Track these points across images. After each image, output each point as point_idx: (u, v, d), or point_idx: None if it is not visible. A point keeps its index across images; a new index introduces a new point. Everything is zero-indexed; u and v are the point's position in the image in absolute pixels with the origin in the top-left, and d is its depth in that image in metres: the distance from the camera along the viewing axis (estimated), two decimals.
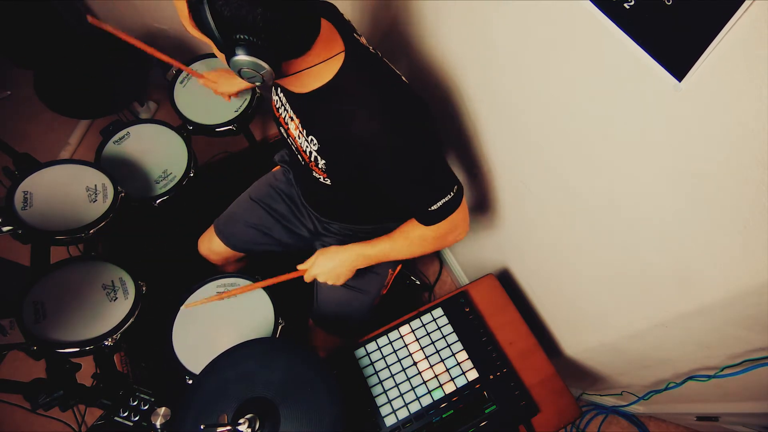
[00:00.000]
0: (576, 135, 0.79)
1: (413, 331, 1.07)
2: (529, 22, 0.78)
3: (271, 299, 1.07)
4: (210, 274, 1.11)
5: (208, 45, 0.66)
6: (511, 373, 1.01)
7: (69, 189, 1.10)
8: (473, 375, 1.01)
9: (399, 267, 1.22)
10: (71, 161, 1.14)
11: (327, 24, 0.71)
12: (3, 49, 1.87)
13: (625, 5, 0.58)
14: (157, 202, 1.21)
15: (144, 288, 1.06)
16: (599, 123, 0.73)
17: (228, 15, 0.57)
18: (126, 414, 0.92)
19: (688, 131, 0.59)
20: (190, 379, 0.97)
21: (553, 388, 1.02)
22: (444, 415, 0.96)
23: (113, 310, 1.01)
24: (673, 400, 1.12)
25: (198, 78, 1.27)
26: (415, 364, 1.03)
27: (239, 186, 1.30)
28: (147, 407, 0.93)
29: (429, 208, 0.80)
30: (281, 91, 0.86)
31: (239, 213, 1.21)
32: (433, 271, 1.82)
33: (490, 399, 0.98)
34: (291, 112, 0.84)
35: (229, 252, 1.23)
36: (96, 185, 1.12)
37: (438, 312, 1.09)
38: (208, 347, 1.00)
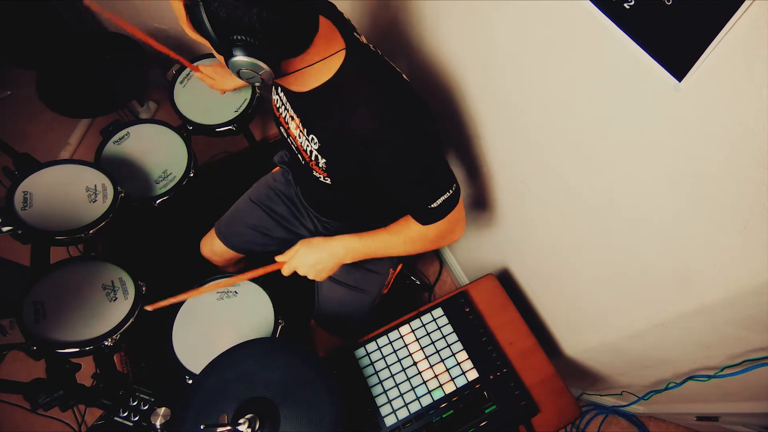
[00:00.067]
0: (576, 135, 0.79)
1: (413, 331, 1.07)
2: (529, 22, 0.78)
3: (271, 299, 1.07)
4: (210, 273, 1.11)
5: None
6: (511, 373, 1.01)
7: (69, 189, 1.10)
8: (473, 375, 1.01)
9: (400, 266, 1.22)
10: (71, 161, 1.14)
11: (326, 21, 0.71)
12: (3, 49, 1.88)
13: (625, 5, 0.58)
14: (157, 202, 1.21)
15: (144, 288, 1.07)
16: (599, 123, 0.73)
17: (224, 16, 0.57)
18: (126, 414, 0.92)
19: (688, 131, 0.59)
20: (190, 379, 0.97)
21: (553, 388, 1.02)
22: (444, 415, 0.96)
23: (113, 310, 1.01)
24: (673, 400, 1.12)
25: (194, 71, 1.26)
26: (415, 364, 1.03)
27: (239, 186, 1.30)
28: (147, 407, 0.93)
29: (428, 206, 0.80)
30: (281, 90, 0.86)
31: (239, 215, 1.22)
32: (433, 271, 1.82)
33: (490, 399, 0.98)
34: (291, 111, 0.84)
35: (231, 253, 1.24)
36: (96, 185, 1.12)
37: (438, 312, 1.09)
38: (208, 347, 1.00)
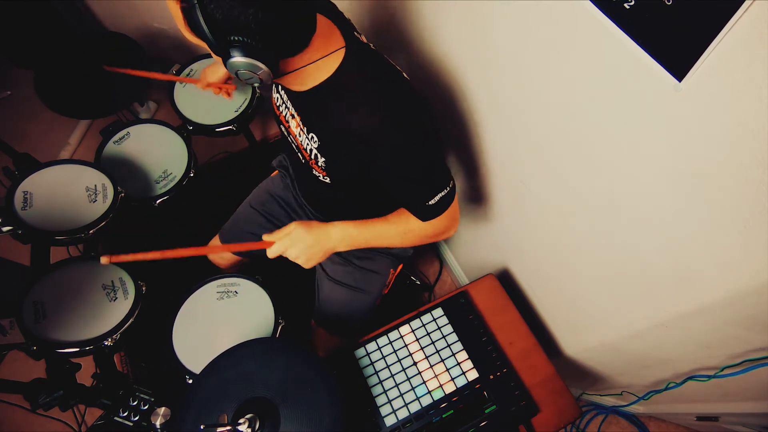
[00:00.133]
0: (576, 135, 0.79)
1: (413, 331, 1.07)
2: (529, 22, 0.77)
3: (272, 299, 1.07)
4: (210, 273, 1.11)
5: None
6: (511, 373, 1.01)
7: (69, 189, 1.10)
8: (473, 375, 1.01)
9: (400, 267, 1.22)
10: (71, 161, 1.14)
11: (324, 20, 0.71)
12: (3, 49, 1.88)
13: (625, 5, 0.58)
14: (157, 202, 1.21)
15: (144, 288, 1.07)
16: (599, 123, 0.73)
17: (220, 17, 0.57)
18: (126, 414, 0.92)
19: (688, 131, 0.59)
20: (190, 379, 0.97)
21: (553, 388, 1.02)
22: (444, 415, 0.96)
23: (113, 310, 1.01)
24: (673, 400, 1.12)
25: (185, 82, 1.29)
26: (415, 364, 1.03)
27: (239, 186, 1.30)
28: (147, 407, 0.93)
29: (427, 203, 0.80)
30: (282, 89, 0.86)
31: (241, 221, 1.26)
32: (433, 271, 1.82)
33: (490, 399, 0.98)
34: (292, 109, 0.84)
35: (235, 258, 1.29)
36: (96, 185, 1.12)
37: (438, 312, 1.09)
38: (208, 347, 1.00)
